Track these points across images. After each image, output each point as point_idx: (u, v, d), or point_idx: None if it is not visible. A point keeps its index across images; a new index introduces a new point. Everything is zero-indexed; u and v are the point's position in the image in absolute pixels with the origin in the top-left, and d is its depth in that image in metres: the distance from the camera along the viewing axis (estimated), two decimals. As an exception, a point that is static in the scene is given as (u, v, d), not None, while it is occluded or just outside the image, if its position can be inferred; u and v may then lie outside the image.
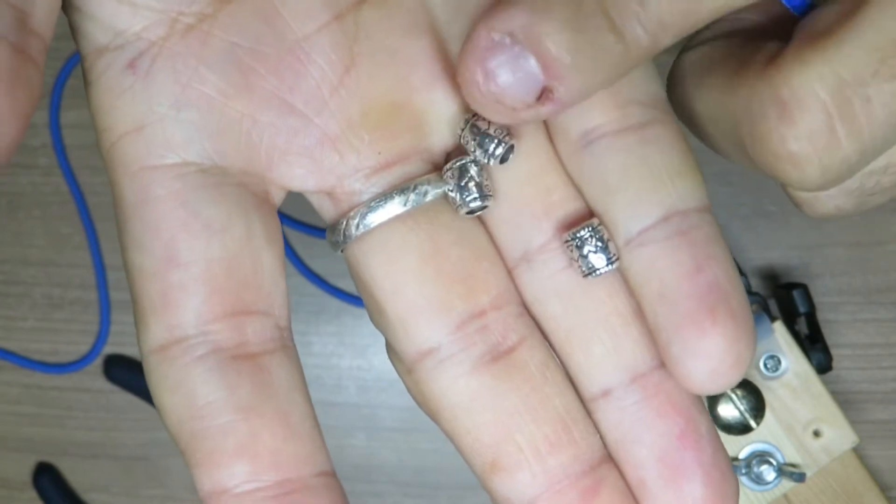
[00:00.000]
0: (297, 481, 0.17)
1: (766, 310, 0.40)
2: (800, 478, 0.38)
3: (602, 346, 0.19)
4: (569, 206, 0.19)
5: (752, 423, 0.39)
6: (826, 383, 0.40)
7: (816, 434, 0.39)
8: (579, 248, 0.18)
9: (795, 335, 0.39)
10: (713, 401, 0.39)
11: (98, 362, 0.45)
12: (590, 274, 0.19)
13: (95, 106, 0.18)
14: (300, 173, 0.19)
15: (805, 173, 0.16)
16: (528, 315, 0.19)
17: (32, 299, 0.45)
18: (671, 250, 0.18)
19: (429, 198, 0.18)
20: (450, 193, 0.19)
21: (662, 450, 0.19)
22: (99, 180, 0.45)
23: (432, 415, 0.20)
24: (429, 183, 0.18)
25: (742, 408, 0.39)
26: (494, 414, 0.19)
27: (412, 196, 0.18)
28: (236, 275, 0.18)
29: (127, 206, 0.18)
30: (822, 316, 0.41)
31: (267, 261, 0.18)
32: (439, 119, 0.19)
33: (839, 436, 0.39)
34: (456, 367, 0.19)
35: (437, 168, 0.19)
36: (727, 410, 0.39)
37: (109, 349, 0.45)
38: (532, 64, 0.16)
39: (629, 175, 0.18)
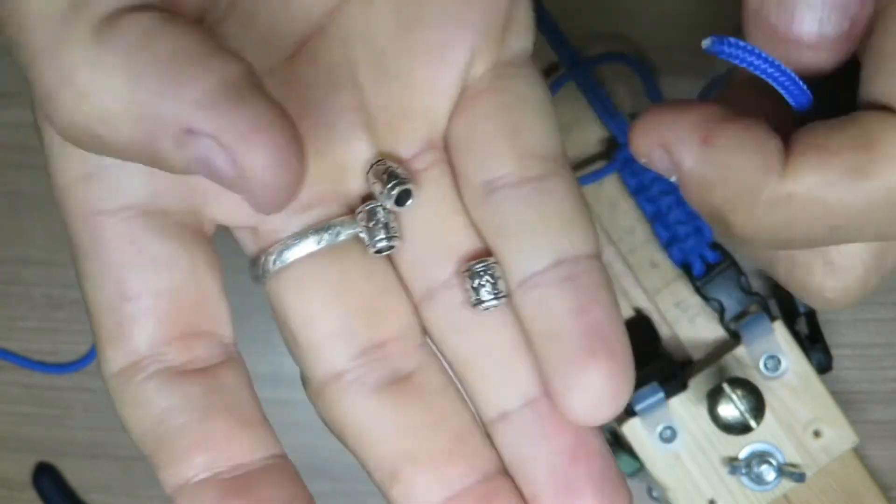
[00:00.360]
0: (249, 464, 0.19)
1: (767, 310, 0.40)
2: (800, 478, 0.38)
3: (497, 374, 0.21)
4: (470, 248, 0.21)
5: (752, 423, 0.39)
6: (826, 383, 0.40)
7: (816, 434, 0.39)
8: (471, 280, 0.21)
9: (795, 335, 0.39)
10: (713, 401, 0.39)
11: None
12: (477, 305, 0.21)
13: (47, 150, 0.19)
14: (229, 210, 0.21)
15: (833, 307, 0.20)
16: (430, 346, 0.22)
17: (32, 299, 0.45)
18: (559, 293, 0.20)
19: (341, 237, 0.21)
20: (361, 234, 0.21)
21: (555, 466, 0.20)
22: (99, 180, 0.45)
23: (338, 434, 0.21)
24: (342, 224, 0.21)
25: (742, 408, 0.39)
26: (394, 430, 0.21)
27: (326, 235, 0.20)
28: (183, 303, 0.20)
29: (80, 247, 0.20)
30: (822, 316, 0.41)
31: (210, 287, 0.20)
32: (356, 166, 0.21)
33: (839, 436, 0.39)
34: (359, 389, 0.21)
35: (352, 210, 0.21)
36: (727, 410, 0.39)
37: (109, 349, 0.46)
38: None
39: (525, 222, 0.20)
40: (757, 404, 0.39)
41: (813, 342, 0.40)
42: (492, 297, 0.20)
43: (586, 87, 0.41)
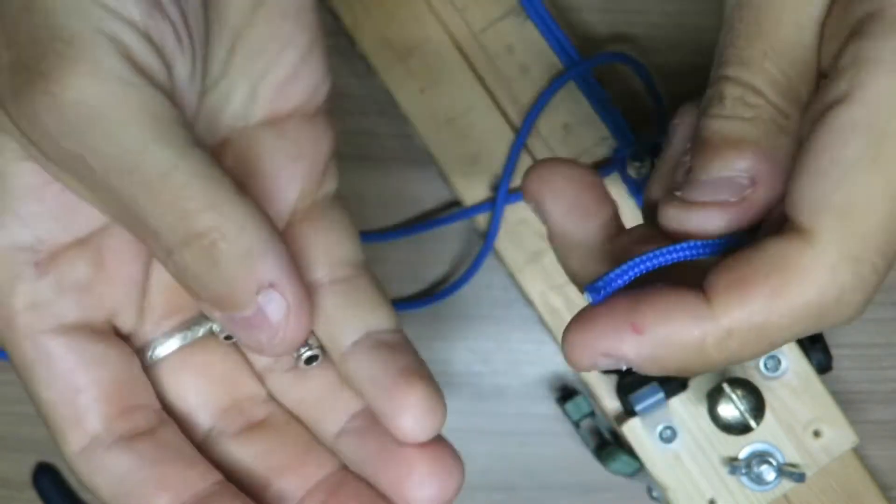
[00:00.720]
0: (204, 491, 0.25)
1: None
2: (800, 478, 0.38)
3: (327, 403, 0.27)
4: None
5: (752, 423, 0.39)
6: (826, 383, 0.40)
7: (816, 434, 0.39)
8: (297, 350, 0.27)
9: (795, 335, 0.39)
10: (713, 401, 0.39)
11: (98, 362, 0.46)
12: (308, 363, 0.27)
13: None
14: (126, 321, 0.26)
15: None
16: (274, 401, 0.28)
17: (32, 299, 0.45)
18: (374, 352, 0.26)
19: (200, 333, 0.27)
20: (214, 328, 0.27)
21: (388, 451, 0.26)
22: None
23: (224, 473, 0.26)
24: (199, 323, 0.27)
25: (742, 408, 0.39)
26: (260, 455, 0.27)
27: (188, 333, 0.27)
28: (121, 386, 0.25)
29: (27, 360, 0.24)
30: (822, 316, 0.41)
31: (135, 368, 0.26)
32: None
33: (839, 436, 0.39)
34: (226, 436, 0.27)
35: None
36: (727, 410, 0.39)
37: (109, 349, 0.46)
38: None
39: (342, 309, 0.27)
40: (757, 404, 0.39)
41: (813, 342, 0.40)
42: (316, 359, 0.28)
43: (586, 87, 0.41)
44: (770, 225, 0.24)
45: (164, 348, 0.26)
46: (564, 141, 0.41)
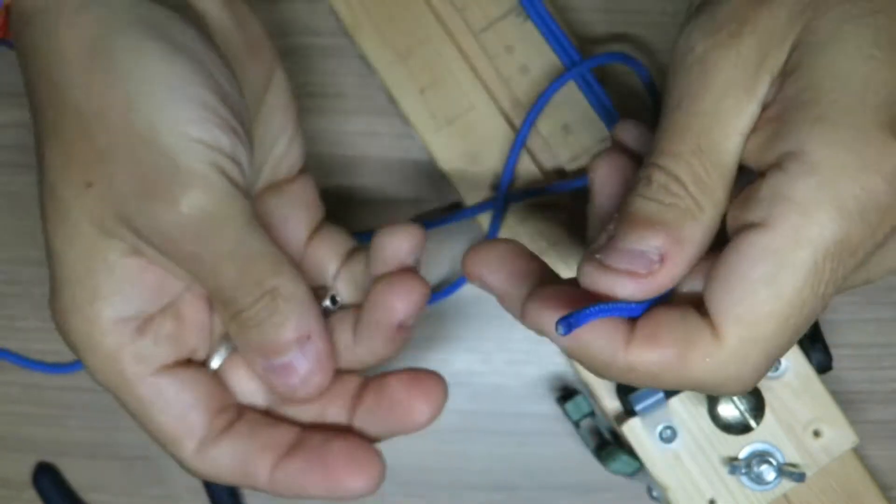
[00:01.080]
0: (292, 441, 0.32)
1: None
2: (800, 478, 0.38)
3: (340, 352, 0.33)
4: None
5: (752, 423, 0.39)
6: (826, 383, 0.40)
7: (816, 434, 0.39)
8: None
9: (795, 335, 0.39)
10: (713, 401, 0.39)
11: (98, 362, 0.46)
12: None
13: (106, 347, 0.30)
14: (201, 353, 0.32)
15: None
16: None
17: (33, 299, 0.45)
18: None
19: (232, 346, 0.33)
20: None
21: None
22: (99, 180, 0.45)
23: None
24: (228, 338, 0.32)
25: (742, 408, 0.39)
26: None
27: (226, 346, 0.32)
28: (211, 396, 0.31)
29: (143, 399, 0.30)
30: (822, 316, 0.41)
31: (217, 382, 0.32)
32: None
33: (839, 436, 0.39)
34: (280, 407, 0.33)
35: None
36: (727, 410, 0.39)
37: (109, 349, 0.46)
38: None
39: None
40: (757, 404, 0.39)
41: (813, 342, 0.40)
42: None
43: (586, 87, 0.41)
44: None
45: (216, 361, 0.32)
46: (564, 141, 0.41)
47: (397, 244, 0.31)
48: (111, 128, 0.28)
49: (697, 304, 0.27)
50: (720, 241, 0.27)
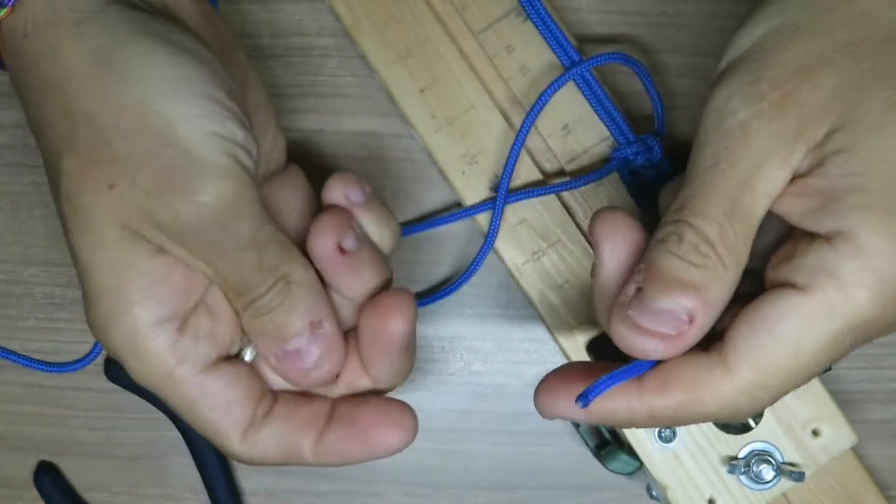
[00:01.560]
0: (327, 412, 0.34)
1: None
2: (799, 477, 0.38)
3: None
4: None
5: (752, 423, 0.39)
6: (825, 383, 0.40)
7: (815, 433, 0.39)
8: None
9: (795, 335, 0.39)
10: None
11: (99, 362, 0.46)
12: None
13: (151, 352, 0.31)
14: (236, 347, 0.33)
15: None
16: None
17: (34, 299, 0.45)
18: None
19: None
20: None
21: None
22: (100, 180, 0.45)
23: None
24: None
25: (741, 407, 0.39)
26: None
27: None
28: (251, 388, 0.32)
29: (191, 397, 0.31)
30: (821, 316, 0.41)
31: (255, 373, 0.34)
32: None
33: (838, 435, 0.39)
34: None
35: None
36: (726, 410, 0.39)
37: (110, 349, 0.46)
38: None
39: None
40: (756, 404, 0.39)
41: (812, 342, 0.40)
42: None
43: (586, 87, 0.41)
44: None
45: (248, 353, 0.33)
46: (564, 141, 0.41)
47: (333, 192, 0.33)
48: (128, 130, 0.29)
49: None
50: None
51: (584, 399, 0.29)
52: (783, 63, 0.29)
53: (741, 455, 0.39)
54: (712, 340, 0.30)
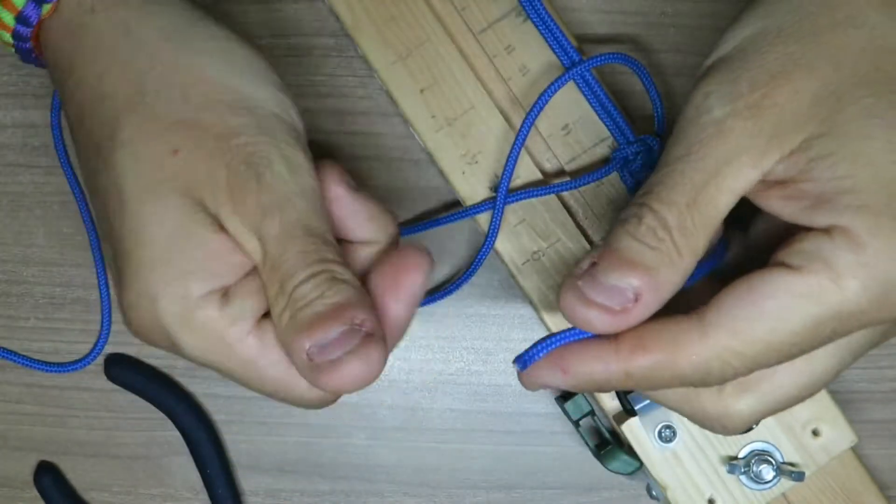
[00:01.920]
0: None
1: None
2: (799, 477, 0.38)
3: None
4: None
5: (752, 423, 0.39)
6: (825, 383, 0.40)
7: (815, 433, 0.39)
8: None
9: (794, 335, 0.39)
10: (712, 400, 0.39)
11: (99, 362, 0.46)
12: None
13: (202, 320, 0.30)
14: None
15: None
16: None
17: (34, 299, 0.45)
18: None
19: None
20: None
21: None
22: (100, 180, 0.45)
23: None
24: None
25: (741, 407, 0.39)
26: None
27: None
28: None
29: (248, 357, 0.31)
30: (821, 315, 0.41)
31: None
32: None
33: (838, 435, 0.39)
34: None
35: None
36: (726, 410, 0.39)
37: (110, 348, 0.46)
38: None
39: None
40: (756, 404, 0.39)
41: (812, 342, 0.40)
42: None
43: (586, 87, 0.41)
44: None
45: None
46: (564, 141, 0.41)
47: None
48: (197, 101, 0.31)
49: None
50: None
51: (520, 361, 0.31)
52: (764, 65, 0.29)
53: (741, 455, 0.39)
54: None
